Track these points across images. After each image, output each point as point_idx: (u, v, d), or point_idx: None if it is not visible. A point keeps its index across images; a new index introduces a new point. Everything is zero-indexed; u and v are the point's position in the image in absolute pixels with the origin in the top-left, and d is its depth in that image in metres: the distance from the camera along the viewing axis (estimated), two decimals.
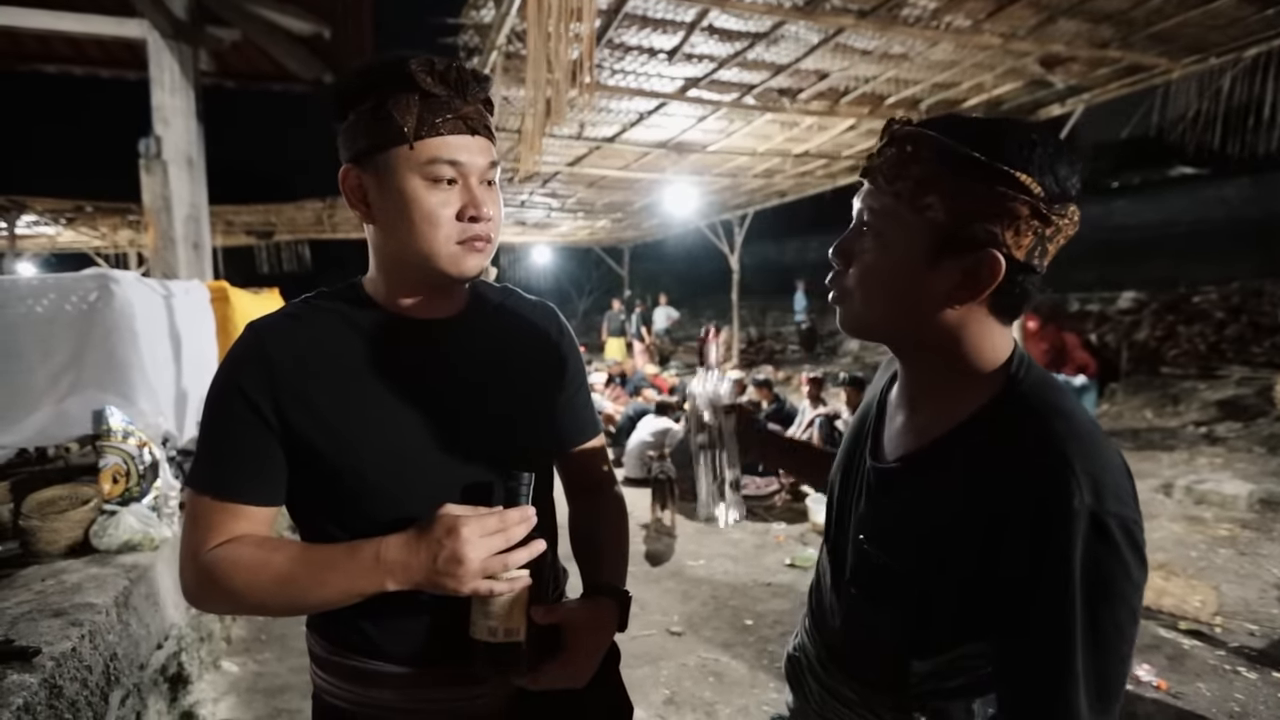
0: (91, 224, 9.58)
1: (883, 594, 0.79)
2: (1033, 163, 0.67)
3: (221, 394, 0.84)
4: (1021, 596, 0.65)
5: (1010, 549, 0.65)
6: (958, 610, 0.71)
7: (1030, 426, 0.68)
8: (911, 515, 0.76)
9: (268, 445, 0.83)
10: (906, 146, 0.71)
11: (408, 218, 0.81)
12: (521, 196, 9.95)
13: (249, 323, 0.88)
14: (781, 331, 16.19)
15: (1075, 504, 0.62)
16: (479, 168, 0.83)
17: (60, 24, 5.12)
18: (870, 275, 0.75)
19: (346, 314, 0.89)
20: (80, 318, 2.49)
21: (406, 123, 0.79)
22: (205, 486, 0.84)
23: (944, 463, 0.74)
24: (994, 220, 0.68)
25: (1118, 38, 4.44)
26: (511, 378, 0.94)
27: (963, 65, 4.89)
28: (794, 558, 4.20)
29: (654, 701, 2.69)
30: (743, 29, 4.26)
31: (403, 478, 0.84)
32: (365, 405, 0.84)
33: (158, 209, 5.33)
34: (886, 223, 0.73)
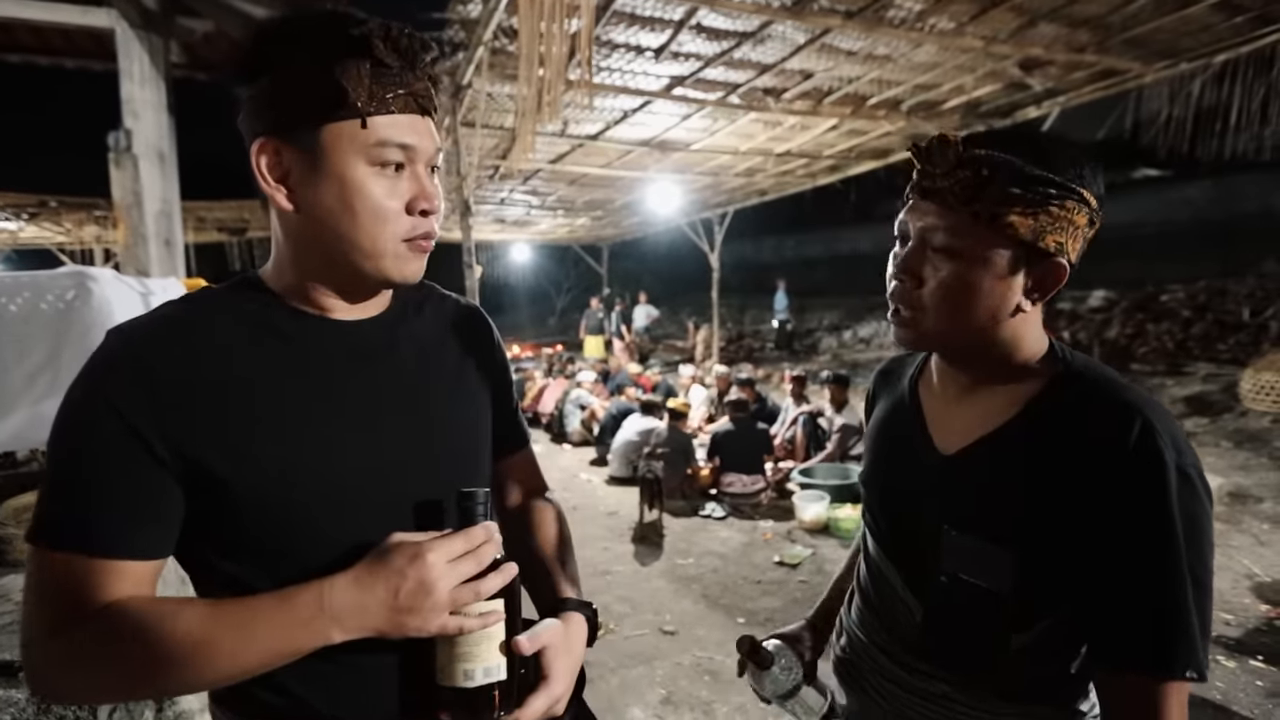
0: (55, 219, 9.28)
1: (985, 577, 0.80)
2: (1085, 177, 0.76)
3: (85, 418, 0.65)
4: (1131, 545, 0.71)
5: (1114, 505, 0.72)
6: (1057, 576, 0.76)
7: (1105, 398, 0.76)
8: (1003, 494, 0.80)
9: (152, 480, 0.65)
10: (984, 170, 0.76)
11: (349, 208, 0.69)
12: (501, 194, 9.86)
13: (111, 328, 0.70)
14: (760, 330, 16.29)
15: (1167, 458, 0.70)
16: (428, 153, 0.73)
17: (24, 12, 4.92)
18: (950, 291, 0.79)
19: (247, 313, 0.74)
20: (57, 317, 2.40)
21: (358, 95, 0.67)
22: (69, 540, 0.64)
23: (1025, 440, 0.79)
24: (1061, 232, 0.77)
25: (1094, 42, 4.53)
26: (447, 384, 0.84)
27: (944, 67, 4.95)
28: (782, 555, 4.23)
29: (650, 701, 2.68)
30: (731, 28, 4.27)
31: (335, 505, 0.71)
32: (282, 422, 0.70)
33: (128, 204, 5.15)
34: (963, 241, 0.77)
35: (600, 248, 17.27)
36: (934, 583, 0.85)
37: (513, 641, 0.71)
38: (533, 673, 0.73)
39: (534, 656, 0.73)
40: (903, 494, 0.91)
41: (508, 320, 21.11)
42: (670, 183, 8.61)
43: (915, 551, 0.88)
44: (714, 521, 4.98)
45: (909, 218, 0.83)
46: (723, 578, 3.96)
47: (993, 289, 0.78)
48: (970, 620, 0.83)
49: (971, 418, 0.85)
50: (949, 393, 0.89)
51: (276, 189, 0.70)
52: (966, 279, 0.78)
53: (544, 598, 0.86)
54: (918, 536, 0.87)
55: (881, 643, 0.92)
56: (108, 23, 5.24)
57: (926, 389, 0.94)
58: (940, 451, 0.87)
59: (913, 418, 0.92)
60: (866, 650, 0.95)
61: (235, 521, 0.69)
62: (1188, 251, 10.76)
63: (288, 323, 0.75)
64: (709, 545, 4.50)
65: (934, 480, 0.87)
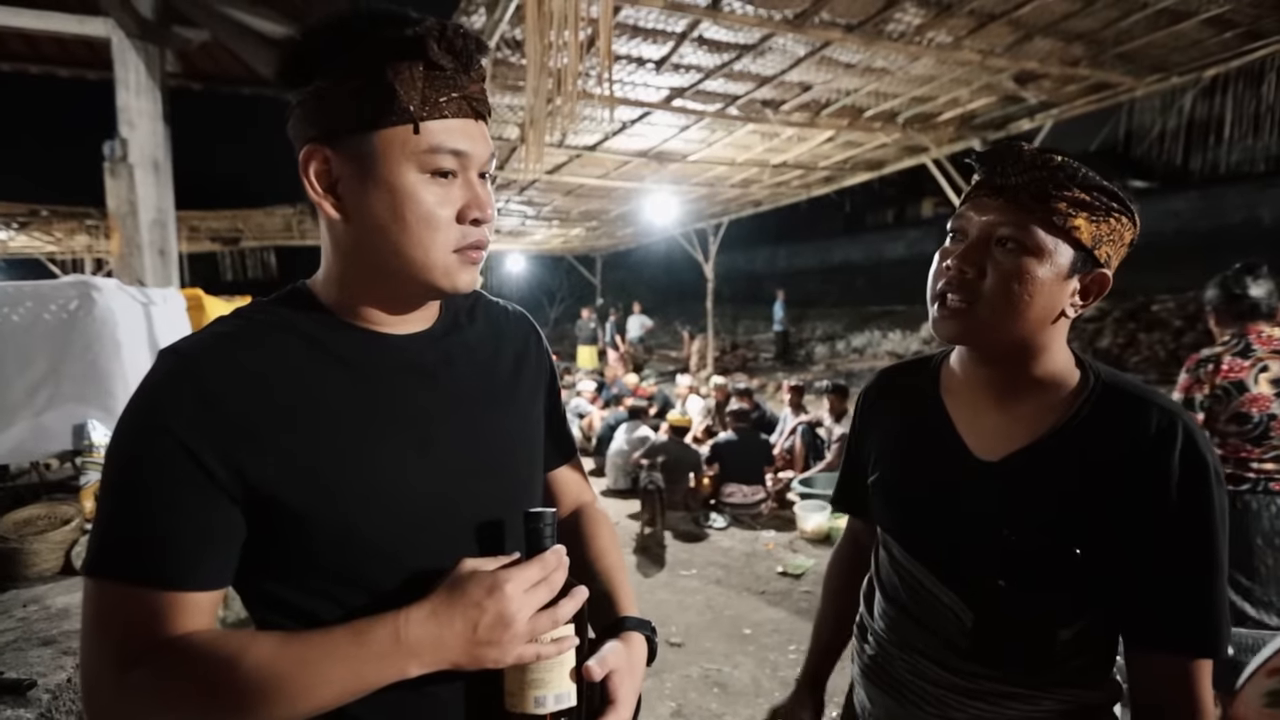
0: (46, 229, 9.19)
1: (1047, 579, 0.84)
2: (1129, 195, 0.82)
3: (144, 444, 0.63)
4: (1183, 539, 0.78)
5: (1169, 503, 0.78)
6: (1110, 572, 0.81)
7: (1150, 406, 0.82)
8: (1061, 498, 0.83)
9: (215, 508, 0.63)
10: (1059, 173, 0.80)
11: (400, 217, 0.66)
12: (496, 204, 9.84)
13: (165, 348, 0.68)
14: (754, 339, 16.33)
15: (1209, 460, 0.78)
16: (481, 159, 0.70)
17: (17, 20, 4.92)
18: (1012, 282, 0.81)
19: (301, 330, 0.71)
20: (60, 327, 2.37)
21: (411, 99, 0.64)
22: (131, 572, 0.62)
23: (1078, 446, 0.83)
24: (1113, 244, 0.83)
25: (1087, 56, 4.60)
26: (503, 398, 0.82)
27: (941, 80, 5.01)
28: (785, 565, 4.22)
29: (661, 714, 2.66)
30: (732, 40, 4.30)
31: (396, 528, 0.69)
32: (340, 444, 0.67)
33: (123, 214, 5.14)
34: (1034, 237, 0.81)
35: (594, 257, 17.29)
36: (987, 587, 0.86)
37: (584, 668, 0.69)
38: (599, 697, 0.72)
39: (601, 680, 0.71)
40: (941, 501, 0.91)
41: None
42: (666, 193, 8.64)
43: (960, 558, 0.89)
44: (715, 532, 4.97)
45: (973, 213, 0.85)
46: (726, 589, 3.94)
47: (1051, 287, 0.81)
48: (1028, 621, 0.86)
49: (1010, 425, 0.87)
50: (979, 400, 0.91)
51: (325, 197, 0.68)
52: (1031, 272, 0.81)
53: (602, 615, 0.82)
54: (964, 543, 0.89)
55: (923, 647, 0.92)
56: (104, 32, 5.23)
57: (951, 393, 0.95)
58: (980, 458, 0.88)
59: (941, 423, 0.94)
60: (902, 656, 0.94)
61: (295, 547, 0.67)
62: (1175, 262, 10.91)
63: (342, 340, 0.72)
64: (711, 556, 4.48)
65: (981, 487, 0.87)
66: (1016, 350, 0.86)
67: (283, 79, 0.69)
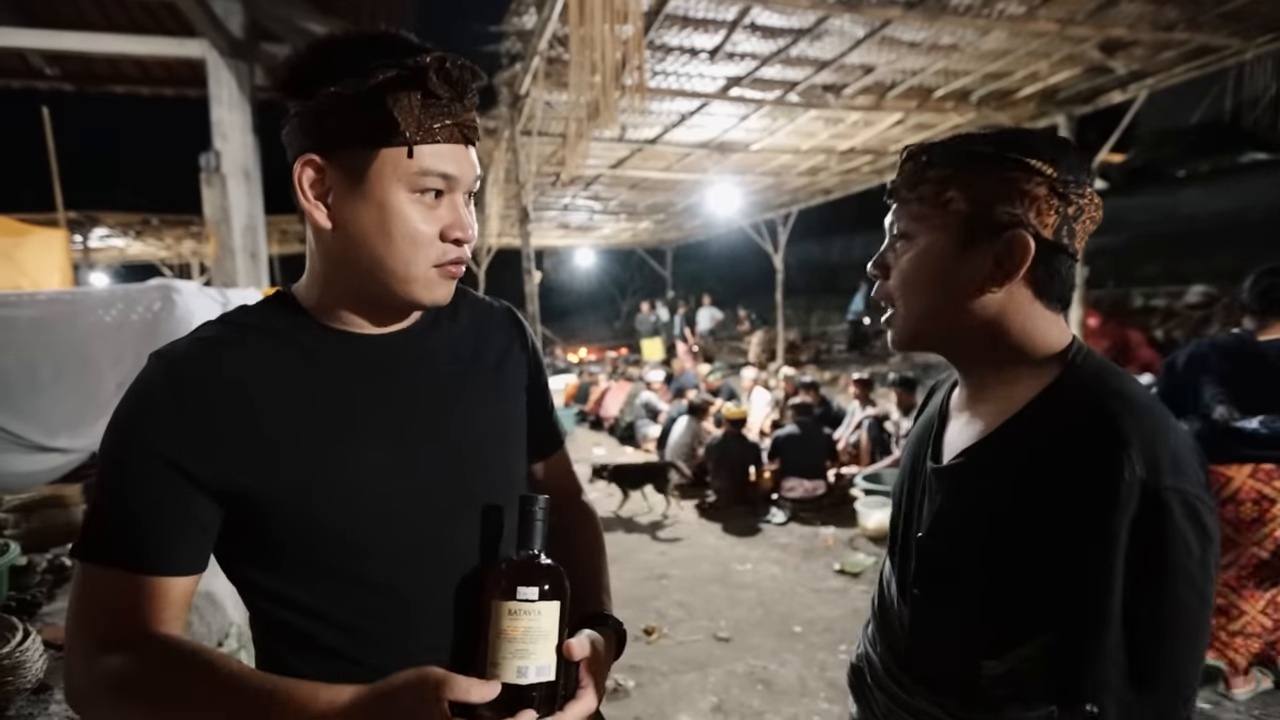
0: (157, 236, 10.06)
1: (946, 592, 0.79)
2: (1040, 151, 0.74)
3: (126, 443, 0.69)
4: (1074, 575, 0.67)
5: (1063, 528, 0.68)
6: (1024, 602, 0.72)
7: (1086, 408, 0.71)
8: (972, 509, 0.78)
9: (190, 502, 0.69)
10: (922, 157, 0.79)
11: (386, 232, 0.70)
12: (564, 200, 10.03)
13: (153, 352, 0.72)
14: (827, 331, 15.91)
15: (1126, 476, 0.64)
16: (467, 182, 0.74)
17: (128, 47, 5.39)
18: (909, 275, 0.80)
19: (280, 332, 0.76)
20: (145, 327, 2.59)
21: (408, 125, 0.68)
22: (113, 556, 0.68)
23: (1001, 453, 0.76)
24: (1014, 202, 0.74)
25: (1184, 18, 4.21)
26: (479, 392, 0.84)
27: (1016, 54, 4.71)
28: (843, 563, 4.11)
29: (701, 709, 2.66)
30: (785, 25, 4.20)
31: (365, 521, 0.73)
32: (310, 440, 0.71)
33: (218, 220, 5.56)
34: (916, 226, 0.80)
35: (664, 250, 17.30)
36: (912, 595, 0.84)
37: (565, 645, 0.71)
38: (570, 681, 0.73)
39: (574, 665, 0.73)
40: (906, 505, 0.91)
41: (573, 324, 21.41)
42: (731, 184, 8.54)
43: (905, 562, 0.87)
44: (774, 527, 4.89)
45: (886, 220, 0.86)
46: (780, 584, 3.89)
47: (947, 267, 0.77)
48: (940, 637, 0.81)
49: (970, 426, 0.83)
50: (961, 401, 0.88)
51: (316, 206, 0.72)
52: (919, 256, 0.79)
53: (581, 606, 0.84)
54: (906, 546, 0.87)
55: (880, 652, 0.91)
56: (199, 52, 5.65)
57: (954, 401, 0.92)
58: (937, 461, 0.85)
59: (932, 428, 0.91)
60: (868, 658, 0.94)
61: (269, 539, 0.72)
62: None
63: (317, 340, 0.76)
64: (768, 551, 4.42)
65: (926, 491, 0.85)
66: (962, 342, 0.82)
67: (285, 88, 0.72)
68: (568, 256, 18.65)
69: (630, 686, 2.80)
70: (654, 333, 13.59)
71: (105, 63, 6.07)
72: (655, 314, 13.96)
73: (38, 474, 2.52)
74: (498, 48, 4.45)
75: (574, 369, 12.43)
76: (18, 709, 1.38)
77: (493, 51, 4.45)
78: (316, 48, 0.71)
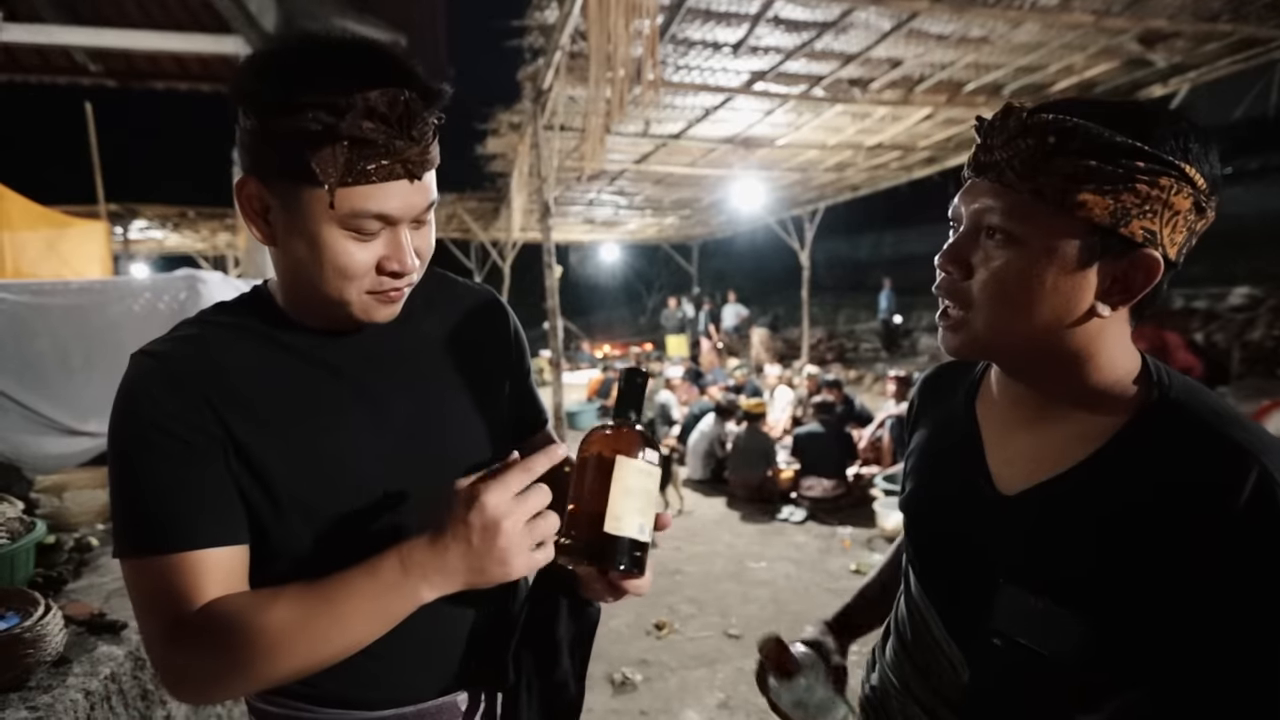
0: (194, 228, 10.35)
1: (1045, 642, 0.68)
2: (1191, 152, 0.62)
3: (133, 435, 0.69)
4: (1230, 624, 0.59)
5: (1214, 572, 0.59)
6: (1136, 649, 0.64)
7: (1210, 436, 0.63)
8: (1073, 548, 0.67)
9: (206, 473, 0.70)
10: (1049, 137, 0.62)
11: (317, 262, 0.69)
12: (589, 195, 10.05)
13: (137, 351, 0.73)
14: (855, 329, 15.73)
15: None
16: (412, 214, 0.70)
17: (168, 44, 5.54)
18: (1003, 284, 0.66)
19: (256, 327, 0.76)
20: (172, 315, 2.68)
21: (327, 175, 0.64)
22: (153, 543, 0.68)
23: (1105, 484, 0.67)
24: (1153, 217, 0.62)
25: (1228, 9, 4.06)
26: (458, 380, 0.85)
27: (1050, 46, 4.59)
28: (859, 563, 4.07)
29: (708, 705, 2.66)
30: (809, 19, 4.14)
31: (352, 508, 0.74)
32: (296, 429, 0.73)
33: None
34: (1023, 224, 0.65)
35: (690, 246, 17.25)
36: (983, 642, 0.73)
37: (660, 515, 0.74)
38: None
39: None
40: (952, 534, 0.79)
41: (599, 318, 21.49)
42: (756, 180, 8.47)
43: (963, 602, 0.77)
44: (791, 525, 4.86)
45: (961, 200, 0.71)
46: (795, 583, 3.86)
47: (1057, 285, 0.64)
48: (1025, 689, 0.71)
49: (1040, 451, 0.72)
50: (1014, 416, 0.76)
51: (253, 221, 0.71)
52: (1024, 270, 0.65)
53: None
54: (968, 586, 0.76)
55: (919, 693, 0.82)
56: (235, 49, 5.78)
57: (986, 408, 0.80)
58: (999, 489, 0.74)
59: (969, 443, 0.79)
60: (901, 697, 0.86)
61: (259, 528, 0.73)
62: None
63: (295, 336, 0.77)
64: (784, 550, 4.39)
65: (991, 523, 0.74)
66: (1038, 361, 0.70)
67: (233, 98, 0.69)
68: (593, 251, 18.71)
69: (638, 680, 2.81)
70: (680, 329, 13.58)
71: (145, 59, 6.24)
72: (681, 310, 13.94)
73: (68, 456, 2.61)
74: (520, 42, 4.47)
75: (598, 364, 12.46)
76: (38, 680, 1.44)
77: (514, 47, 4.47)
78: (257, 59, 0.68)
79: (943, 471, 0.83)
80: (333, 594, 0.65)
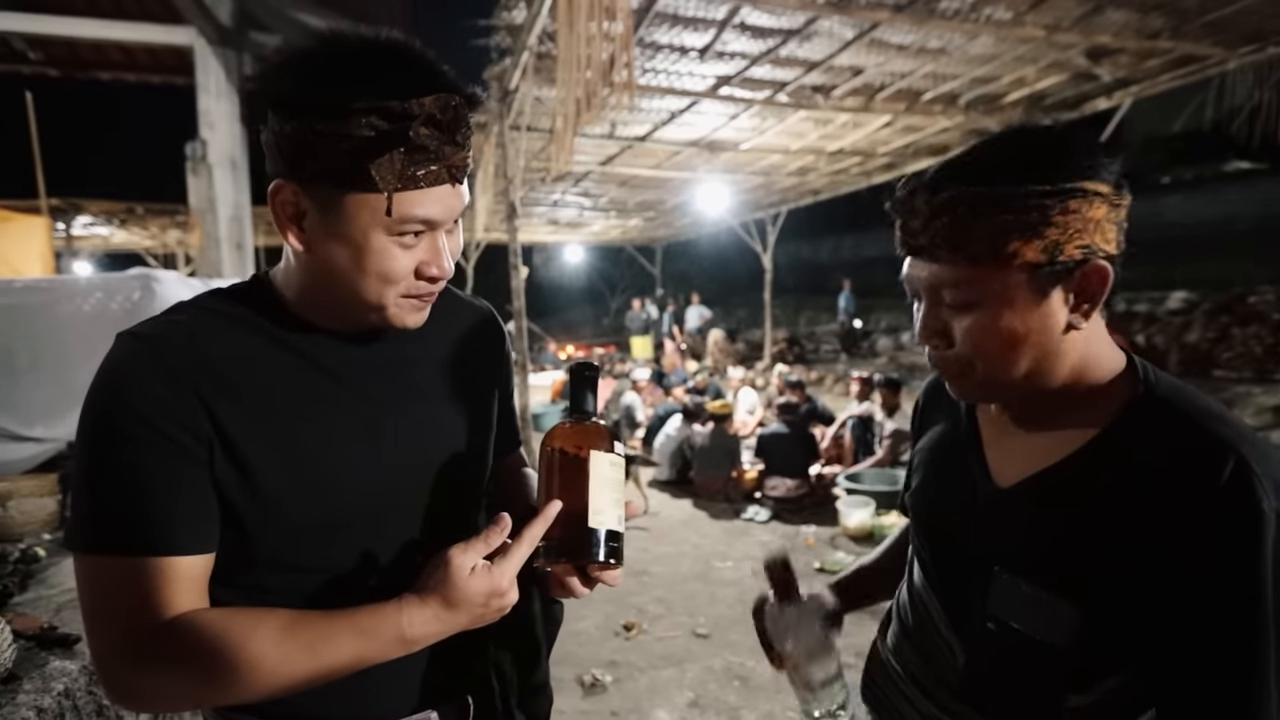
0: (142, 225, 9.96)
1: (1038, 628, 0.71)
2: (1086, 167, 0.67)
3: (112, 423, 0.65)
4: (1211, 605, 0.63)
5: (1195, 556, 0.63)
6: (1125, 632, 0.67)
7: (1192, 429, 0.67)
8: (1065, 536, 0.71)
9: (184, 476, 0.66)
10: (960, 210, 0.67)
11: (360, 268, 0.68)
12: (554, 196, 10.01)
13: (122, 332, 0.69)
14: (815, 331, 15.99)
15: (1264, 506, 0.60)
16: (452, 217, 0.71)
17: (114, 33, 5.33)
18: (987, 341, 0.70)
19: (256, 321, 0.74)
20: (125, 315, 2.58)
21: (386, 181, 0.63)
22: (122, 542, 0.64)
23: (1094, 475, 0.70)
24: (1081, 234, 0.66)
25: (1169, 27, 4.27)
26: (454, 392, 0.84)
27: (1003, 59, 4.76)
28: (823, 562, 4.14)
29: (678, 704, 2.68)
30: (775, 25, 4.21)
31: (339, 517, 0.73)
32: (290, 431, 0.71)
33: (203, 210, 5.50)
34: (972, 289, 0.69)
35: (654, 248, 17.31)
36: (979, 628, 0.77)
37: (629, 503, 0.77)
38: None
39: None
40: (950, 525, 0.83)
41: (562, 320, 21.39)
42: (721, 183, 8.56)
43: (960, 590, 0.81)
44: (757, 525, 4.92)
45: (911, 271, 0.75)
46: (761, 582, 3.90)
47: (1029, 324, 0.69)
48: (1019, 672, 0.75)
49: (1034, 446, 0.76)
50: (1012, 415, 0.80)
51: (289, 227, 0.69)
52: (994, 324, 0.69)
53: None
54: (964, 574, 0.80)
55: (918, 675, 0.86)
56: (187, 40, 5.59)
57: (984, 410, 0.86)
58: (995, 483, 0.79)
59: (969, 442, 0.84)
60: (901, 680, 0.89)
61: (238, 525, 0.70)
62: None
63: (296, 334, 0.74)
64: (749, 549, 4.45)
65: (986, 515, 0.79)
66: (1040, 384, 0.74)
67: (265, 100, 0.67)
68: (557, 253, 18.63)
69: (608, 681, 2.81)
70: (644, 330, 13.61)
71: (91, 48, 5.99)
72: (645, 311, 13.98)
73: (13, 463, 2.50)
74: (487, 42, 4.43)
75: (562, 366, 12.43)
76: None
77: (481, 46, 4.43)
78: (295, 59, 0.65)
79: (945, 468, 0.88)
80: (319, 642, 0.65)
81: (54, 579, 2.08)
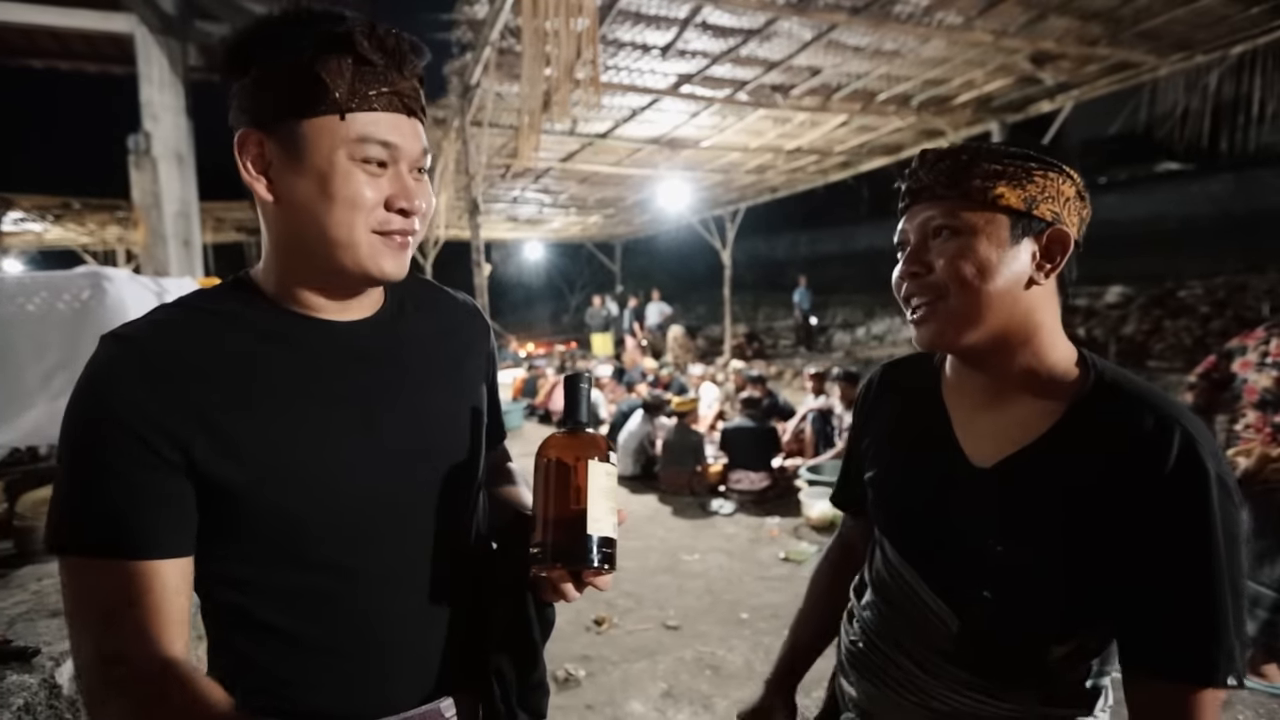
0: (79, 221, 9.49)
1: (1027, 591, 0.81)
2: (1069, 162, 0.83)
3: (93, 427, 0.66)
4: (1175, 555, 0.73)
5: (1159, 516, 0.73)
6: (1101, 588, 0.77)
7: (1146, 409, 0.77)
8: (1050, 509, 0.80)
9: (164, 482, 0.67)
10: (962, 156, 0.82)
11: (326, 195, 0.69)
12: (514, 192, 9.92)
13: (106, 333, 0.69)
14: (774, 326, 16.23)
15: (1209, 468, 0.72)
16: (412, 154, 0.73)
17: (45, 18, 5.05)
18: (962, 268, 0.81)
19: (237, 316, 0.74)
20: (73, 316, 2.47)
21: (338, 89, 0.67)
22: (99, 545, 0.65)
23: (1068, 453, 0.80)
24: (1053, 202, 0.81)
25: (1106, 35, 4.48)
26: (445, 384, 0.85)
27: (954, 62, 4.92)
28: (788, 552, 4.23)
29: (651, 695, 2.71)
30: (736, 25, 4.27)
31: (330, 510, 0.73)
32: (283, 424, 0.71)
33: (148, 205, 5.29)
34: (959, 219, 0.82)
35: (613, 245, 17.31)
36: (974, 597, 0.84)
37: (620, 511, 0.78)
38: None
39: None
40: (930, 506, 0.89)
41: (522, 317, 21.22)
42: (681, 180, 8.62)
43: (948, 565, 0.87)
44: (721, 518, 5.00)
45: (906, 224, 0.87)
46: (728, 573, 3.98)
47: (1001, 258, 0.80)
48: (1015, 634, 0.83)
49: (1005, 427, 0.84)
50: (977, 400, 0.88)
51: (257, 179, 0.71)
52: (972, 249, 0.80)
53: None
54: (952, 551, 0.86)
55: (907, 644, 0.91)
56: (127, 28, 5.35)
57: (950, 393, 0.92)
58: (974, 463, 0.86)
59: (939, 425, 0.91)
60: (887, 647, 0.94)
61: (230, 522, 0.70)
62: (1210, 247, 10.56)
63: (282, 325, 0.75)
64: (715, 541, 4.51)
65: (968, 493, 0.85)
66: (1000, 340, 0.83)
67: (225, 71, 0.71)
68: (516, 250, 18.46)
69: (581, 676, 2.83)
70: (604, 327, 13.61)
71: (18, 34, 5.67)
72: (606, 308, 13.97)
73: None
74: (448, 36, 4.38)
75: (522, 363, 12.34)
76: None
77: (443, 40, 4.37)
78: (251, 26, 0.71)
79: (914, 451, 0.94)
80: None
81: (7, 591, 1.99)
